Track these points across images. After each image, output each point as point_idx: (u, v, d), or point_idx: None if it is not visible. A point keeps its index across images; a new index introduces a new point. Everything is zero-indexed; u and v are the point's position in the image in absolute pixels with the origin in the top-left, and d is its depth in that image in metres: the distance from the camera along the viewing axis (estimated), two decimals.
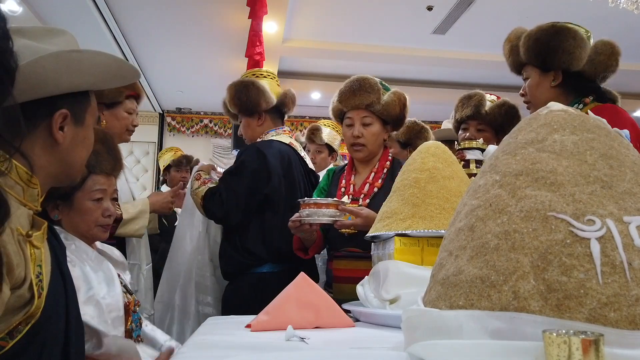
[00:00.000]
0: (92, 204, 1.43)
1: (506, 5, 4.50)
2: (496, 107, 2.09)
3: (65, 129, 0.95)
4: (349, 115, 1.96)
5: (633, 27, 4.85)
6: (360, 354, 0.83)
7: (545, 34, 1.78)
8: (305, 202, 1.72)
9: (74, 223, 1.41)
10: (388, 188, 1.92)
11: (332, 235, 1.92)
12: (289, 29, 5.06)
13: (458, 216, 0.80)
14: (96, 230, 1.44)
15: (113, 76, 1.01)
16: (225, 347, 0.92)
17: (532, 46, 1.80)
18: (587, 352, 0.49)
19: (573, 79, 1.82)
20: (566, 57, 1.76)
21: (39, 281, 0.86)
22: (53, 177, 0.97)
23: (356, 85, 1.94)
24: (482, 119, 2.08)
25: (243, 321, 1.24)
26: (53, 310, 0.89)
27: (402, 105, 1.98)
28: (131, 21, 4.73)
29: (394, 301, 1.20)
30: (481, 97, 2.11)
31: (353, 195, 1.93)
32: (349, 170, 2.03)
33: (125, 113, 2.10)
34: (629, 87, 6.34)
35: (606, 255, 0.61)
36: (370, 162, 1.99)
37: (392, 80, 6.35)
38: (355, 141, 1.93)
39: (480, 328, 0.62)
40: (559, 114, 0.80)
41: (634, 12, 3.33)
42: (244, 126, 2.32)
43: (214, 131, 7.52)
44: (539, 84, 1.84)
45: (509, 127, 2.07)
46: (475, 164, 1.74)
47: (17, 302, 0.81)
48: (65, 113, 0.94)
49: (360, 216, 1.71)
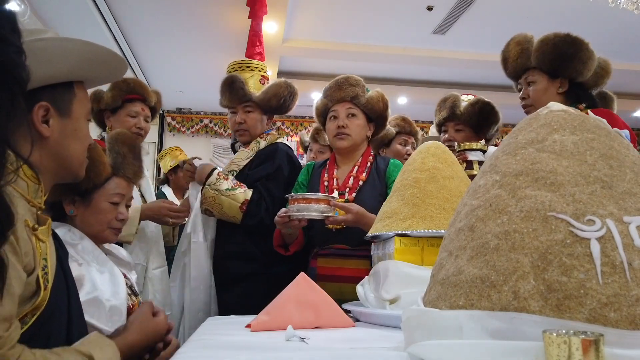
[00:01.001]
0: (109, 206, 1.44)
1: (506, 5, 4.50)
2: (470, 106, 2.16)
3: (51, 121, 0.94)
4: (334, 108, 1.98)
5: (632, 27, 4.84)
6: (360, 354, 0.83)
7: (563, 41, 1.85)
8: (294, 197, 1.69)
9: (87, 221, 1.42)
10: (373, 182, 1.92)
11: (316, 232, 1.89)
12: (289, 29, 5.06)
13: (458, 216, 0.80)
14: (108, 232, 1.45)
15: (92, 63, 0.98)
16: (225, 347, 0.92)
17: (549, 51, 1.86)
18: (587, 352, 0.49)
19: (577, 87, 1.90)
20: (579, 66, 1.84)
21: (44, 274, 0.88)
22: (52, 173, 0.97)
23: (342, 80, 2.00)
24: (459, 119, 2.17)
25: (243, 321, 1.24)
26: (56, 304, 0.91)
27: (384, 103, 2.02)
28: (131, 21, 4.73)
29: (394, 301, 1.20)
30: (455, 99, 2.19)
31: (338, 189, 1.92)
32: (332, 165, 2.02)
33: (128, 117, 2.12)
34: (628, 87, 6.35)
35: (606, 255, 0.61)
36: (352, 157, 2.00)
37: (392, 80, 6.37)
38: (340, 130, 1.94)
39: (480, 328, 0.62)
40: (559, 114, 0.80)
41: (634, 12, 3.33)
42: (256, 120, 2.23)
43: (214, 131, 7.52)
44: (547, 90, 1.90)
45: (486, 124, 2.15)
46: (478, 165, 1.75)
47: (26, 292, 0.82)
48: (46, 105, 0.93)
49: (351, 212, 1.70)
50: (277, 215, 1.74)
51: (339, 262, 1.82)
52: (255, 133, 2.24)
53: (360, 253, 1.81)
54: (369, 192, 1.89)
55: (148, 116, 2.23)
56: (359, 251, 1.81)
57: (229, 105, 2.26)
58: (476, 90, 6.14)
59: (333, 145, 2.02)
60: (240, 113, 2.22)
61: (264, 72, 2.33)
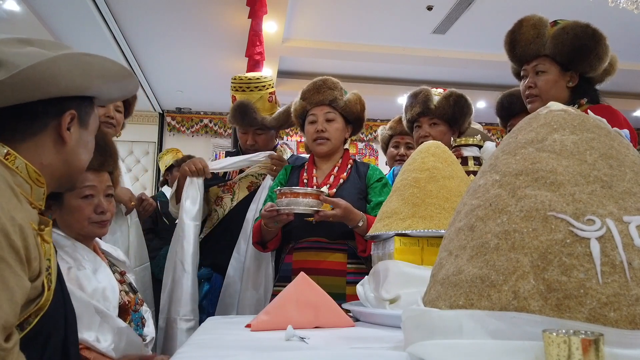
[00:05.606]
0: (82, 201, 1.40)
1: (506, 5, 4.49)
2: (444, 99, 2.07)
3: (72, 129, 1.00)
4: (313, 112, 1.99)
5: (632, 27, 4.84)
6: (360, 354, 0.83)
7: (584, 33, 1.74)
8: (282, 191, 1.69)
9: (66, 222, 1.40)
10: (354, 180, 1.94)
11: (292, 226, 1.87)
12: (289, 28, 5.05)
13: (458, 216, 0.80)
14: (90, 227, 1.41)
15: (116, 86, 1.07)
16: (225, 347, 0.92)
17: (568, 42, 1.74)
18: (587, 351, 0.49)
19: (585, 83, 1.81)
20: (595, 61, 1.75)
21: (48, 274, 0.90)
22: (56, 179, 1.00)
23: (320, 82, 2.01)
24: (433, 113, 2.07)
25: (243, 321, 1.24)
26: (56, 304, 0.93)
27: (361, 105, 2.04)
28: (131, 21, 4.73)
29: (394, 301, 1.20)
30: (427, 92, 2.10)
31: (317, 186, 1.92)
32: (310, 166, 2.04)
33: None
34: (628, 87, 6.34)
35: (606, 255, 0.61)
36: (330, 159, 2.02)
37: (392, 80, 6.37)
38: (319, 135, 1.96)
39: (480, 328, 0.62)
40: (559, 114, 0.80)
41: (634, 11, 3.33)
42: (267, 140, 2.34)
43: (214, 131, 7.52)
44: (557, 82, 1.80)
45: (461, 117, 2.08)
46: (473, 161, 1.74)
47: (31, 294, 0.84)
48: (74, 114, 0.99)
49: (340, 207, 1.71)
50: (264, 209, 1.75)
51: (319, 255, 1.82)
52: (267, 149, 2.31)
53: (337, 246, 1.82)
54: (348, 190, 1.91)
55: (119, 106, 2.11)
56: (336, 244, 1.82)
57: (241, 129, 2.33)
58: (476, 90, 6.17)
59: (312, 150, 2.04)
60: (251, 135, 2.30)
61: (271, 87, 2.35)
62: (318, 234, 1.84)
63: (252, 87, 2.30)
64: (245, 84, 2.31)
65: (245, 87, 2.30)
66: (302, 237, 1.87)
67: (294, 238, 1.89)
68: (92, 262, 1.40)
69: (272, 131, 2.35)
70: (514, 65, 1.96)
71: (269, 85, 2.34)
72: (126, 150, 7.07)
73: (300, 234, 1.87)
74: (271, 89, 2.35)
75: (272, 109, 2.33)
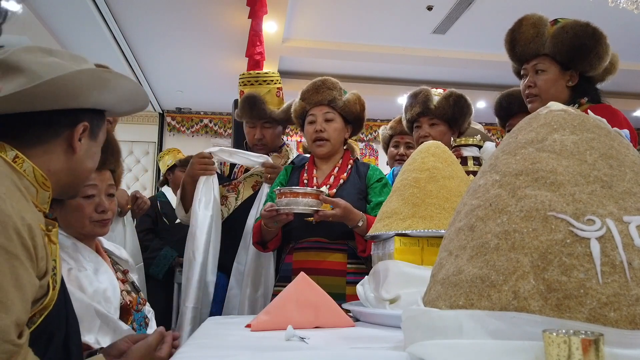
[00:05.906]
0: (83, 200, 1.40)
1: (506, 5, 4.49)
2: (444, 99, 2.07)
3: (82, 140, 1.03)
4: (312, 112, 2.00)
5: (632, 27, 4.84)
6: (360, 354, 0.83)
7: (584, 32, 1.74)
8: (282, 191, 1.69)
9: (67, 221, 1.40)
10: (354, 180, 1.94)
11: (292, 227, 1.87)
12: (289, 28, 5.05)
13: (458, 216, 0.80)
14: (91, 226, 1.41)
15: (126, 101, 1.10)
16: (225, 347, 0.92)
17: (568, 41, 1.74)
18: (587, 352, 0.49)
19: (585, 82, 1.81)
20: (595, 60, 1.74)
21: (53, 274, 0.91)
22: (60, 186, 1.02)
23: (319, 82, 2.02)
24: (433, 113, 2.07)
25: (243, 321, 1.24)
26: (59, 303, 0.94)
27: (361, 105, 2.04)
28: (131, 21, 4.73)
29: (394, 301, 1.20)
30: (427, 92, 2.10)
31: (317, 186, 1.92)
32: (310, 166, 2.04)
33: None
34: (628, 87, 6.34)
35: (606, 255, 0.61)
36: (331, 160, 2.02)
37: (392, 80, 6.37)
38: (319, 135, 1.96)
39: (480, 328, 0.62)
40: (559, 114, 0.80)
41: (634, 11, 3.33)
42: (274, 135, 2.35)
43: (214, 131, 7.52)
44: (557, 81, 1.80)
45: (461, 117, 2.08)
46: (472, 161, 1.73)
47: (37, 293, 0.86)
48: (87, 125, 1.03)
49: (339, 206, 1.71)
50: (264, 209, 1.75)
51: (319, 255, 1.82)
52: (274, 146, 2.36)
53: (337, 246, 1.82)
54: (348, 189, 1.91)
55: None
56: (336, 244, 1.82)
57: (249, 122, 2.33)
58: (476, 90, 6.17)
59: (312, 151, 2.04)
60: (259, 128, 2.31)
61: (279, 82, 2.38)
62: (318, 234, 1.84)
63: (260, 81, 2.34)
64: (253, 77, 2.36)
65: (254, 80, 2.34)
66: (302, 237, 1.86)
67: (294, 238, 1.89)
68: (93, 262, 1.40)
69: (279, 127, 2.36)
70: (515, 65, 1.96)
71: (277, 81, 2.38)
72: (126, 150, 7.08)
73: (301, 234, 1.87)
74: (279, 84, 2.38)
75: (280, 104, 2.35)
